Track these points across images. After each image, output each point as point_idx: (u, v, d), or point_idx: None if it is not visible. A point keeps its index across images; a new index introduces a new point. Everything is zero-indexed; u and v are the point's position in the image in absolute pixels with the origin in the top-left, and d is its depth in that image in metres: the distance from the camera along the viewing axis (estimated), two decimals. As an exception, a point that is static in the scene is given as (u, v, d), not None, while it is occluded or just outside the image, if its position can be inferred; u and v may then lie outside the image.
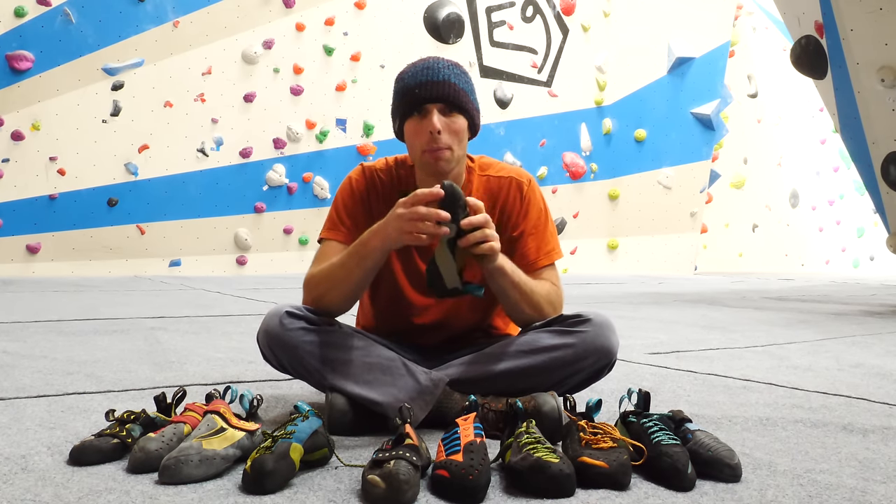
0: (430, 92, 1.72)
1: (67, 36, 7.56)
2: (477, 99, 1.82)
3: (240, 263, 8.51)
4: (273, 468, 1.24)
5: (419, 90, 1.73)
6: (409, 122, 1.76)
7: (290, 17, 8.69)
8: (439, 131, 1.71)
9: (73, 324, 3.58)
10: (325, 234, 1.85)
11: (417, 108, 1.74)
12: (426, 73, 1.74)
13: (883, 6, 5.24)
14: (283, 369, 1.79)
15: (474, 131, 1.82)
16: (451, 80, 1.74)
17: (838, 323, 4.39)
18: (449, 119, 1.73)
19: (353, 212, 1.84)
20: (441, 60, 1.78)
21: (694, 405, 2.02)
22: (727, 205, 12.37)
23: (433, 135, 1.71)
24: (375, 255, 1.67)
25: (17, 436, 1.57)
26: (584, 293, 6.48)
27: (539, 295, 1.77)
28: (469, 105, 1.77)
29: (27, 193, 7.49)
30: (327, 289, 1.73)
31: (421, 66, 1.77)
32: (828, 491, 1.32)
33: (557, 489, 1.25)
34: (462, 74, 1.78)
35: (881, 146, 5.63)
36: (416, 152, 1.76)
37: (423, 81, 1.73)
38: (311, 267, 1.81)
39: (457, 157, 1.76)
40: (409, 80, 1.76)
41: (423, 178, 1.81)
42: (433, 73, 1.74)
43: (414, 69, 1.78)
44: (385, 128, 9.01)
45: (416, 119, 1.74)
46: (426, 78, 1.73)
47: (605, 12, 10.79)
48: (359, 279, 1.71)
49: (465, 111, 1.76)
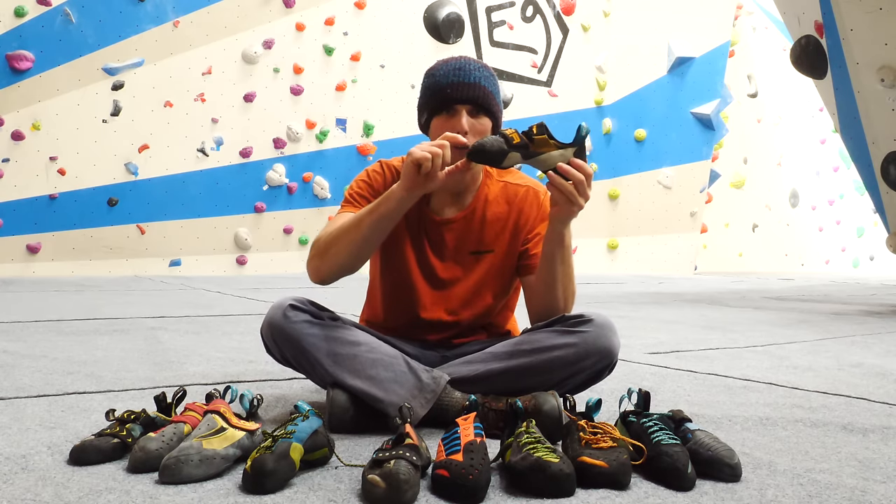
0: (460, 93, 1.76)
1: (67, 36, 7.57)
2: (501, 101, 1.86)
3: (240, 263, 8.51)
4: (273, 468, 1.24)
5: (451, 90, 1.77)
6: (437, 119, 1.80)
7: (290, 17, 8.69)
8: (466, 133, 1.74)
9: (73, 324, 3.58)
10: (342, 209, 1.87)
11: (447, 108, 1.77)
12: (458, 73, 1.78)
13: (883, 6, 5.24)
14: (285, 362, 1.79)
15: (496, 132, 1.84)
16: (482, 82, 1.78)
17: (838, 323, 4.39)
18: (476, 120, 1.78)
19: (367, 194, 1.86)
20: (472, 62, 1.82)
21: (694, 405, 2.02)
22: (727, 205, 12.36)
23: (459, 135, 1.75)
24: (390, 204, 1.68)
25: (18, 435, 1.57)
26: (584, 293, 6.48)
27: (573, 285, 1.81)
28: (496, 108, 1.81)
29: (27, 193, 7.49)
30: (335, 241, 1.74)
31: (454, 66, 1.80)
32: (828, 491, 1.32)
33: (557, 489, 1.25)
34: (491, 77, 1.83)
35: (881, 146, 5.63)
36: None
37: (454, 82, 1.77)
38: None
39: None
40: (441, 78, 1.79)
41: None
42: (465, 75, 1.78)
43: (446, 67, 1.81)
44: (385, 128, 9.02)
45: (444, 117, 1.78)
46: (458, 79, 1.77)
47: (605, 12, 10.79)
48: (368, 234, 1.71)
49: (492, 114, 1.80)
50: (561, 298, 1.80)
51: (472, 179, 1.86)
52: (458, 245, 1.87)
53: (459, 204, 1.88)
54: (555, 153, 1.65)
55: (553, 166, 1.66)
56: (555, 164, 1.65)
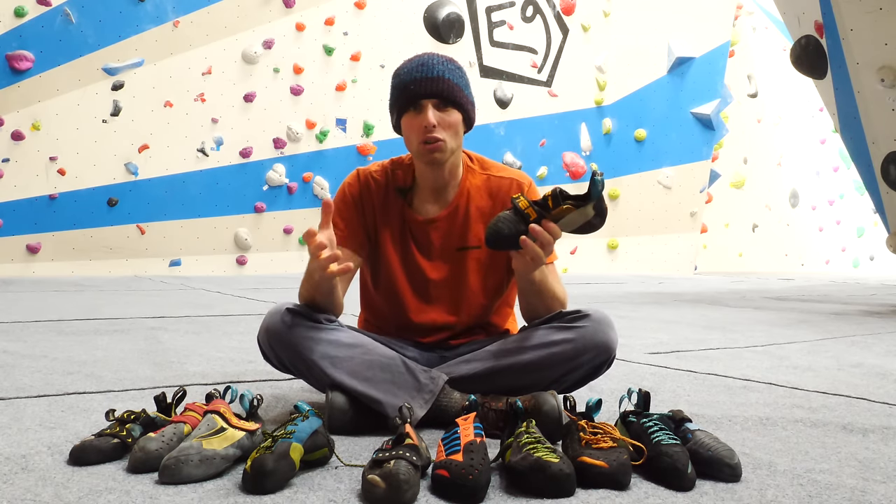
0: (424, 88, 1.77)
1: (67, 36, 7.57)
2: (472, 93, 1.87)
3: (240, 263, 8.51)
4: (273, 468, 1.24)
5: (414, 86, 1.77)
6: (406, 116, 1.81)
7: (290, 17, 8.69)
8: (434, 126, 1.75)
9: (73, 324, 3.58)
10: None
11: (413, 104, 1.78)
12: (421, 69, 1.79)
13: (883, 6, 5.23)
14: (283, 368, 1.79)
15: (469, 124, 1.87)
16: (445, 75, 1.78)
17: (838, 323, 4.39)
18: (443, 113, 1.78)
19: (346, 215, 1.89)
20: (435, 56, 1.83)
21: (694, 405, 2.02)
22: (727, 205, 12.37)
23: (428, 129, 1.76)
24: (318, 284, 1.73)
25: (18, 436, 1.57)
26: (584, 293, 6.48)
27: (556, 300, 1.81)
28: (463, 99, 1.81)
29: (27, 193, 7.49)
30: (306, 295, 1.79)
31: (416, 63, 1.81)
32: (828, 491, 1.32)
33: (557, 489, 1.25)
34: (456, 69, 1.83)
35: (881, 146, 5.63)
36: (413, 145, 1.82)
37: (417, 78, 1.78)
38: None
39: (451, 149, 1.81)
40: (405, 76, 1.80)
41: (422, 170, 1.87)
42: (427, 70, 1.78)
43: (409, 65, 1.82)
44: (385, 127, 9.01)
45: (411, 114, 1.79)
46: (421, 74, 1.78)
47: (605, 12, 10.79)
48: (321, 300, 1.77)
49: (460, 105, 1.81)
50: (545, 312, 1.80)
51: (450, 175, 1.86)
52: (444, 243, 1.88)
53: (442, 201, 1.88)
54: (574, 214, 1.60)
55: (577, 226, 1.62)
56: (579, 224, 1.61)
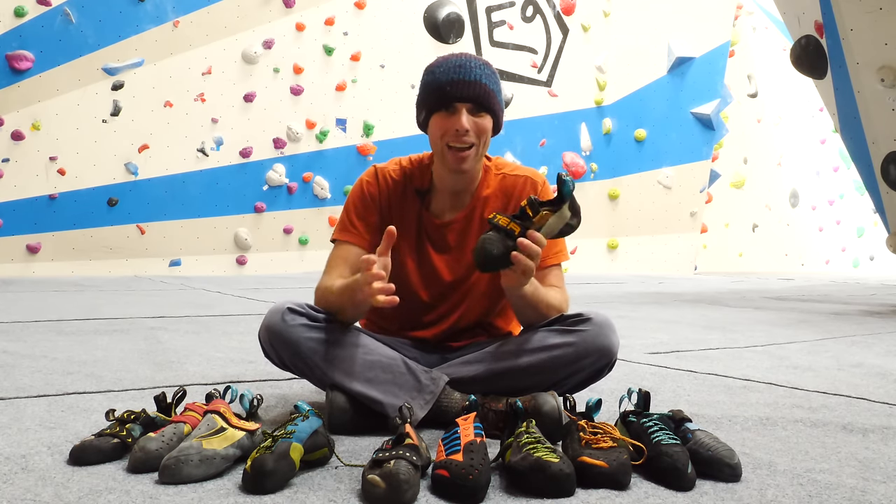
0: (461, 91, 1.74)
1: (67, 36, 7.56)
2: (503, 99, 1.85)
3: (240, 263, 8.51)
4: (273, 468, 1.24)
5: (450, 88, 1.75)
6: (436, 116, 1.78)
7: (290, 17, 8.69)
8: (467, 130, 1.74)
9: (73, 324, 3.58)
10: (338, 235, 1.88)
11: (447, 105, 1.76)
12: (459, 71, 1.76)
13: (883, 6, 5.23)
14: (283, 366, 1.79)
15: (497, 130, 1.85)
16: (482, 80, 1.76)
17: (838, 323, 4.39)
18: (476, 118, 1.76)
19: (363, 214, 1.86)
20: (473, 59, 1.80)
21: (694, 405, 2.02)
22: (727, 205, 12.36)
23: (460, 133, 1.74)
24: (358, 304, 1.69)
25: (18, 436, 1.57)
26: (584, 293, 6.48)
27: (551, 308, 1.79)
28: (496, 106, 1.80)
29: (27, 193, 7.49)
30: (328, 305, 1.76)
31: (454, 63, 1.78)
32: (828, 491, 1.32)
33: (557, 489, 1.25)
34: (492, 75, 1.81)
35: (881, 146, 5.63)
36: (439, 146, 1.79)
37: (455, 80, 1.75)
38: (324, 273, 1.83)
39: (479, 155, 1.80)
40: (441, 75, 1.77)
41: (440, 172, 1.85)
42: (466, 72, 1.76)
43: (446, 65, 1.79)
44: (385, 128, 9.01)
45: (443, 115, 1.77)
46: (459, 76, 1.75)
47: (605, 12, 10.78)
48: (350, 315, 1.75)
49: (493, 111, 1.79)
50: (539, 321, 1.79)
51: (470, 179, 1.86)
52: (460, 244, 1.87)
53: (459, 204, 1.88)
54: (552, 219, 1.63)
55: (557, 230, 1.65)
56: (558, 228, 1.65)
